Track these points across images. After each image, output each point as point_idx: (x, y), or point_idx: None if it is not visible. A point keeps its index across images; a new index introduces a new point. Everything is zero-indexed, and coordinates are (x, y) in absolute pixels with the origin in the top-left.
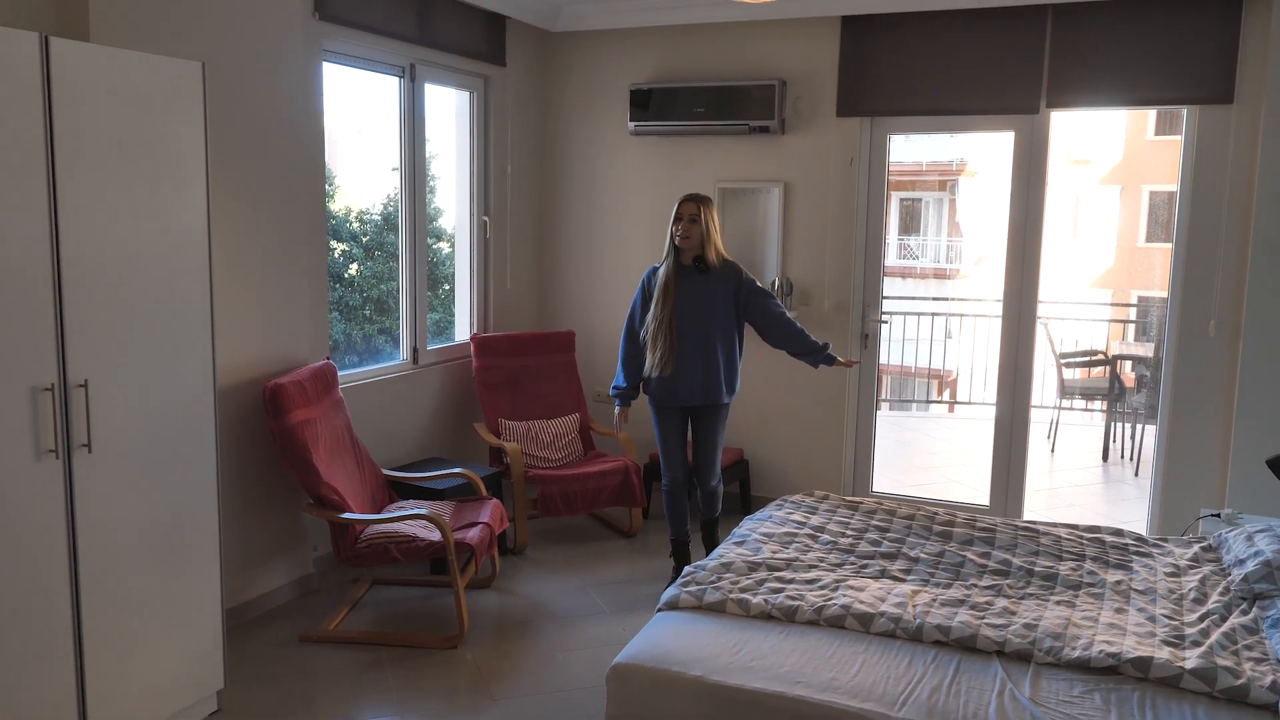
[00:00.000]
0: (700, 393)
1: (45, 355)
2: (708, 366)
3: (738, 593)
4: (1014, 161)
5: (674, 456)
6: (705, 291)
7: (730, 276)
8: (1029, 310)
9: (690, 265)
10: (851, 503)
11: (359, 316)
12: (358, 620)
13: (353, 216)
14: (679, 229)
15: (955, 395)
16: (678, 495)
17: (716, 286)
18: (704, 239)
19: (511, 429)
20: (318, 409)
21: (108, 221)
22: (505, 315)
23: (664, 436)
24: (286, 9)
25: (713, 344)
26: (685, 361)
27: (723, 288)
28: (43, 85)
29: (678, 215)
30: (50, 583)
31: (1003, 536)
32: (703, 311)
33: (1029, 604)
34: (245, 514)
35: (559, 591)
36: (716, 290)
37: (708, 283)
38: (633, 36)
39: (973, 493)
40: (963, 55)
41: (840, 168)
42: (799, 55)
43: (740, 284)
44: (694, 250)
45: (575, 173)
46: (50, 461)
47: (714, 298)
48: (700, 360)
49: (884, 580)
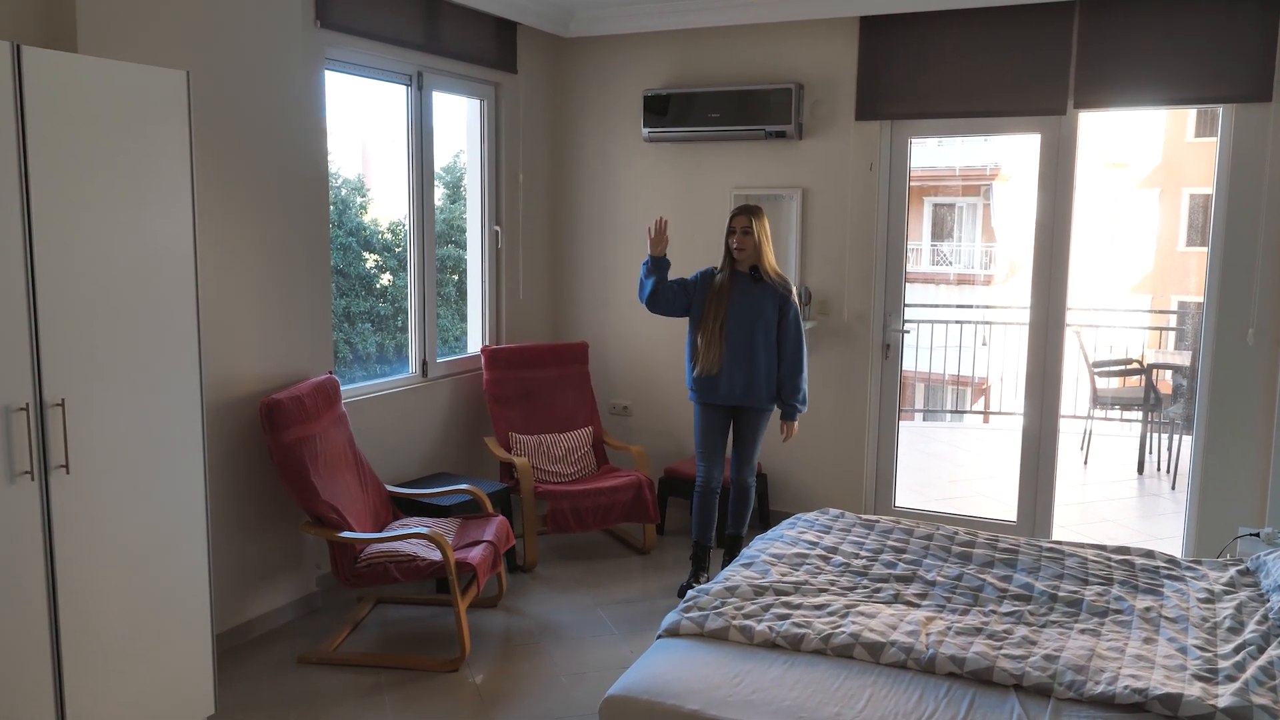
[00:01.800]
0: (741, 393)
1: (19, 374)
2: (751, 369)
3: (741, 619)
4: (1040, 165)
5: (711, 455)
6: (757, 300)
7: (781, 291)
8: (1057, 317)
9: (746, 274)
10: (867, 521)
11: (391, 326)
12: (360, 641)
13: (384, 227)
14: (734, 240)
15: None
16: (708, 498)
17: (768, 297)
18: (761, 249)
19: (523, 443)
20: (318, 425)
21: (86, 235)
22: (517, 327)
23: (704, 433)
24: (286, 17)
25: (757, 349)
26: (730, 363)
27: (773, 300)
28: (14, 95)
29: (731, 228)
30: (27, 608)
31: (1025, 558)
32: (752, 318)
33: (1050, 633)
34: (244, 532)
35: (567, 611)
36: (768, 300)
37: (761, 292)
38: (646, 41)
39: (1001, 507)
40: (986, 55)
41: (860, 173)
42: (816, 57)
43: (787, 301)
44: (750, 260)
45: (589, 181)
46: (25, 483)
47: (764, 307)
48: (745, 362)
49: (897, 606)
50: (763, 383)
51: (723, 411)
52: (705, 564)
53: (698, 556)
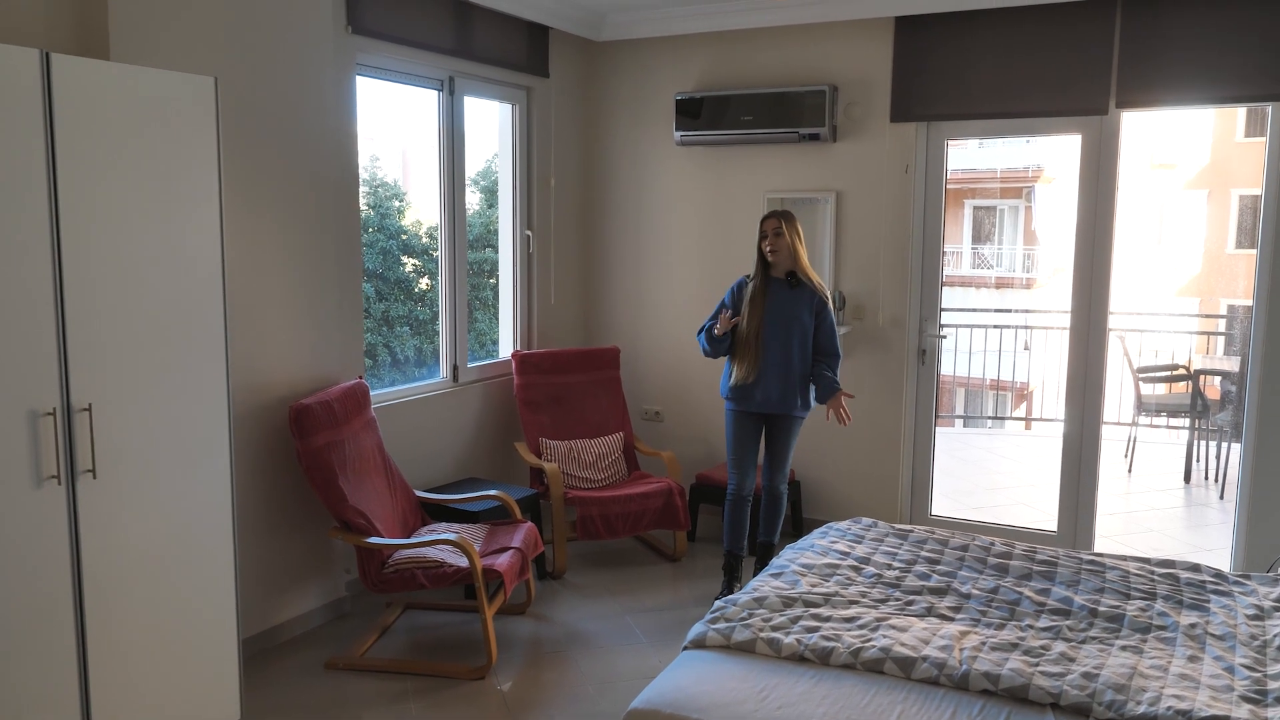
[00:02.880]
0: (777, 401)
1: (47, 379)
2: (787, 377)
3: (769, 631)
4: (1081, 166)
5: (743, 463)
6: (793, 305)
7: (817, 294)
8: (1099, 322)
9: (783, 279)
10: (901, 531)
11: (429, 330)
12: (387, 647)
13: (423, 232)
14: (767, 244)
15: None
16: (739, 506)
17: (804, 302)
18: (793, 253)
19: (553, 449)
20: (346, 429)
21: (113, 240)
22: (549, 331)
23: (736, 441)
24: (317, 23)
25: (793, 357)
26: (767, 370)
27: (809, 305)
28: (44, 102)
29: (762, 232)
30: (53, 612)
31: (1064, 571)
32: (788, 324)
33: (1090, 649)
34: (272, 537)
35: (596, 619)
36: (804, 305)
37: (797, 296)
38: (678, 44)
39: (1042, 517)
40: (1024, 54)
41: (895, 175)
42: (850, 59)
43: (825, 305)
44: (784, 264)
45: (620, 185)
46: (52, 488)
47: (800, 312)
48: (781, 370)
49: (930, 619)
50: (797, 390)
51: (756, 419)
52: (738, 573)
53: (730, 566)
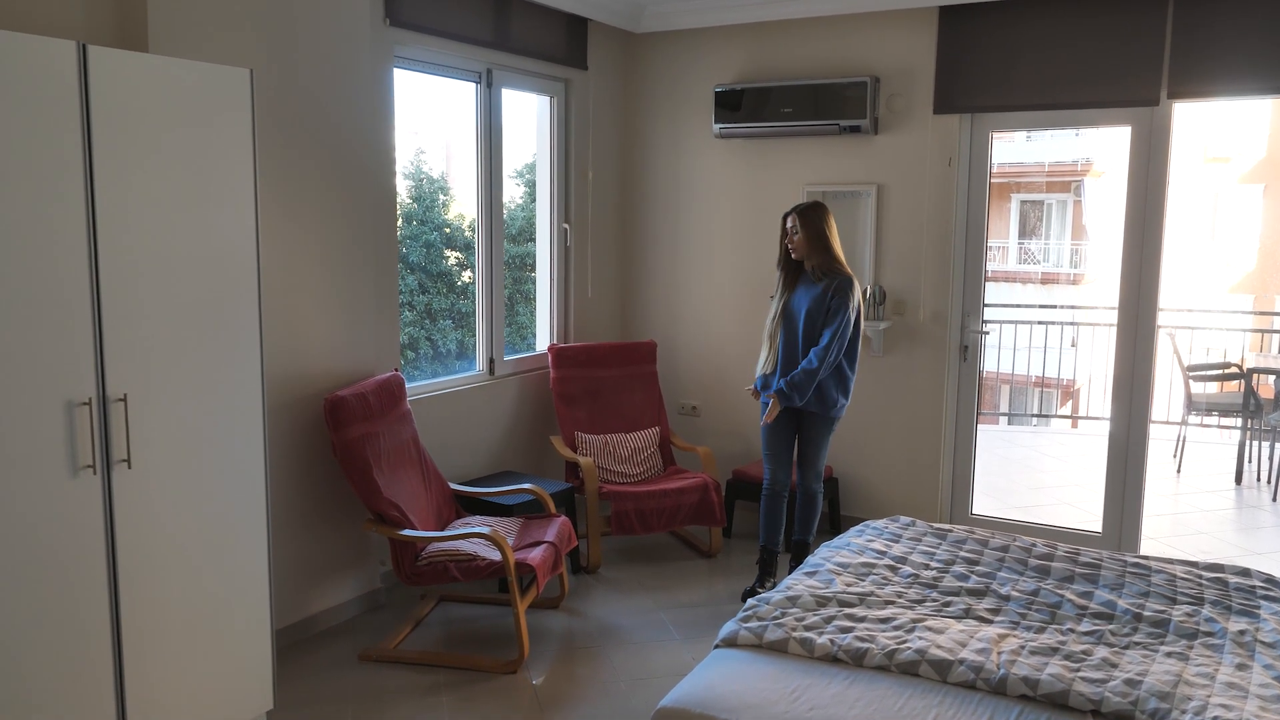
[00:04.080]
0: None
1: (83, 369)
2: None
3: (802, 631)
4: (1131, 158)
5: (777, 457)
6: (814, 295)
7: (832, 287)
8: (1148, 319)
9: (809, 271)
10: (939, 530)
11: (471, 323)
12: (421, 639)
13: (466, 225)
14: (785, 240)
15: (1078, 409)
16: (775, 501)
17: (821, 295)
18: (813, 246)
19: (588, 443)
20: (382, 422)
21: (149, 231)
22: (586, 325)
23: (769, 433)
24: (355, 15)
25: (809, 347)
26: (785, 361)
27: (824, 297)
28: (80, 93)
29: (783, 231)
30: (89, 602)
31: (1108, 574)
32: (798, 317)
33: (1133, 655)
34: (307, 528)
35: (629, 614)
36: (825, 295)
37: (819, 289)
38: (717, 35)
39: (1086, 517)
40: (1072, 44)
41: (938, 168)
42: (893, 49)
43: (837, 297)
44: (806, 259)
45: (658, 178)
46: (88, 477)
47: (815, 305)
48: (791, 365)
49: (967, 621)
50: (821, 388)
51: (787, 412)
52: (772, 569)
53: (765, 561)
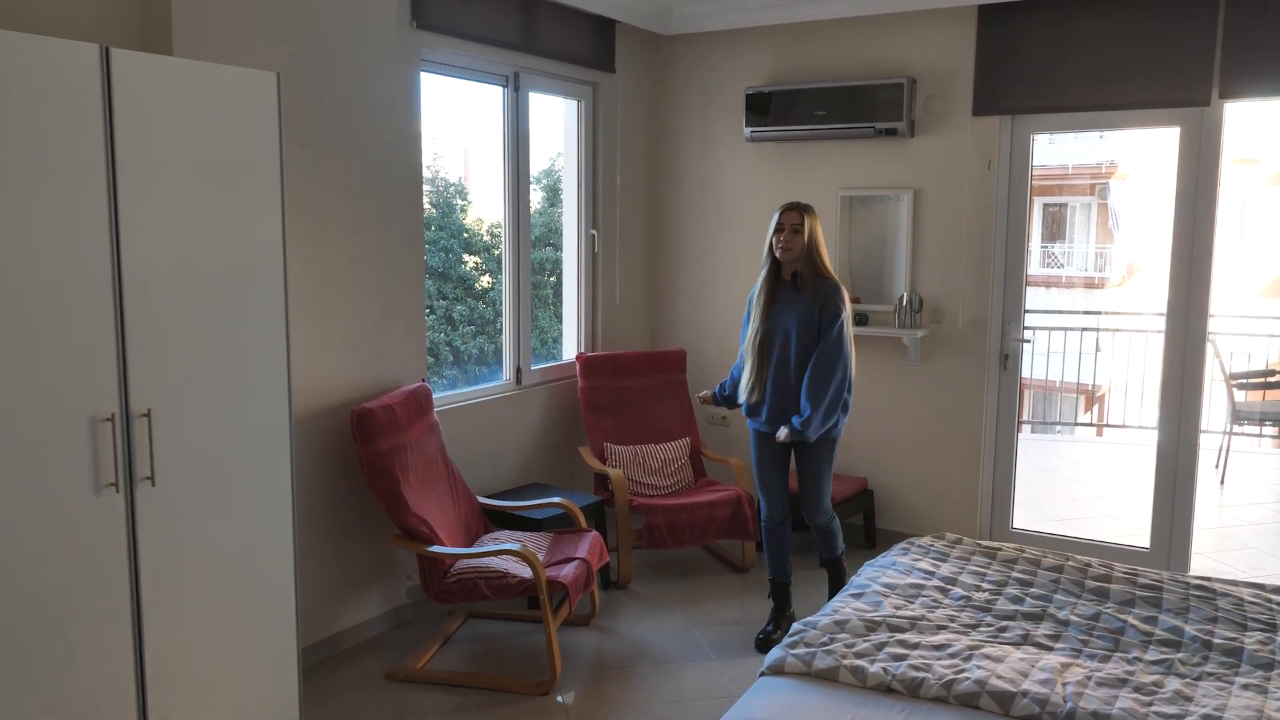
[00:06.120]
0: (780, 420)
1: (106, 384)
2: (792, 396)
3: (853, 658)
4: (1180, 161)
5: (770, 488)
6: (800, 311)
7: (820, 297)
8: (1198, 326)
9: (789, 281)
10: (988, 549)
11: (491, 330)
12: (449, 657)
13: (484, 230)
14: (780, 240)
15: (1103, 416)
16: (776, 532)
17: (809, 307)
18: (807, 252)
19: (618, 454)
20: (409, 434)
21: (174, 240)
22: (613, 333)
23: (759, 464)
24: (382, 18)
25: (795, 370)
26: (775, 386)
27: (814, 310)
28: (103, 97)
29: (778, 225)
30: (111, 620)
31: (1171, 597)
32: (792, 332)
33: (1207, 687)
34: (333, 543)
35: (662, 632)
36: (809, 311)
37: (804, 302)
38: (748, 37)
39: (1130, 532)
40: (1117, 43)
41: (977, 171)
42: (930, 49)
43: (828, 310)
44: (795, 265)
45: (688, 183)
46: (110, 495)
47: (805, 319)
48: (782, 386)
49: (1026, 648)
50: None
51: (773, 439)
52: (787, 604)
53: (777, 596)
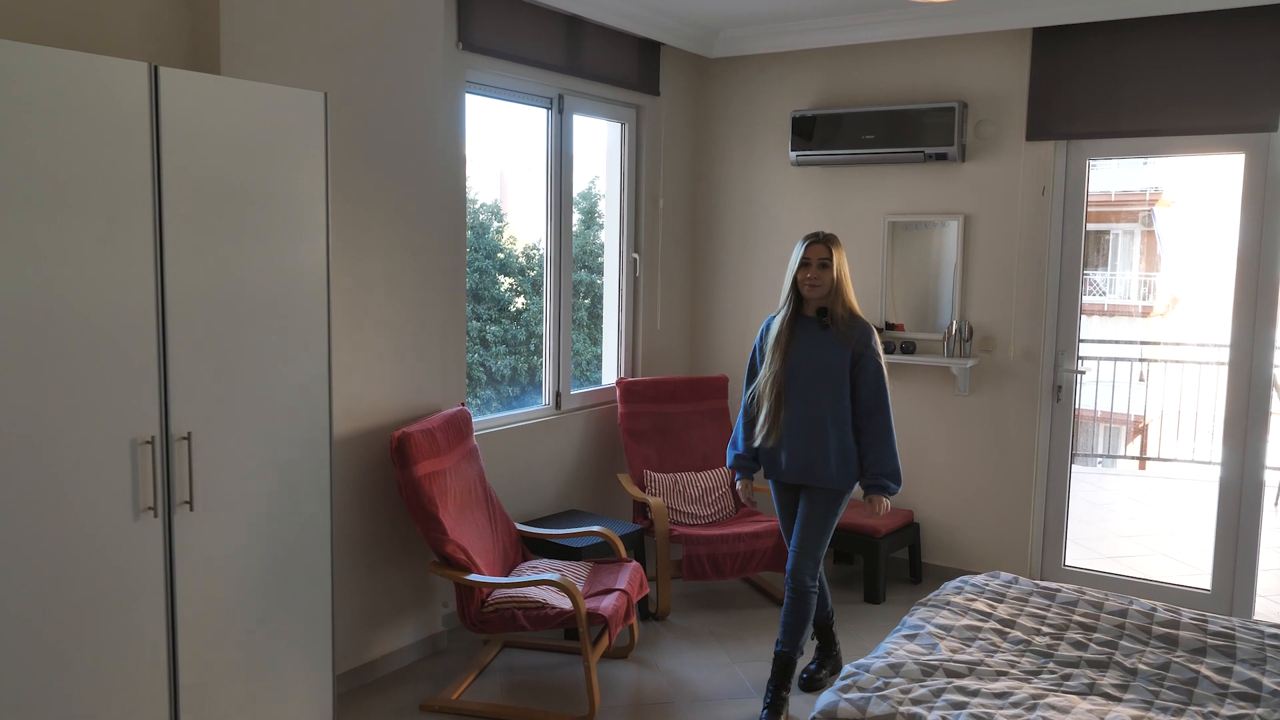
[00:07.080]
0: (802, 469)
1: (147, 406)
2: (815, 439)
3: (909, 704)
4: (1245, 188)
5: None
6: (825, 351)
7: (854, 338)
8: (1263, 358)
9: (812, 318)
10: (1046, 590)
11: (524, 350)
12: (484, 688)
13: (519, 251)
14: (808, 275)
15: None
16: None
17: (838, 347)
18: (839, 286)
19: (658, 481)
20: (449, 459)
21: (218, 260)
22: (654, 359)
23: (782, 512)
24: (429, 40)
25: (823, 415)
26: (792, 430)
27: (844, 351)
28: (151, 116)
29: (804, 260)
30: (146, 646)
31: (1245, 646)
32: (818, 373)
33: None
34: (370, 569)
35: (702, 666)
36: (837, 352)
37: (829, 342)
38: (795, 60)
39: (1188, 572)
40: (1178, 67)
41: (1030, 197)
42: (982, 73)
43: (864, 352)
44: (820, 300)
45: (731, 207)
46: (149, 520)
47: (833, 359)
48: (805, 431)
49: (1093, 698)
50: (833, 457)
51: (795, 489)
52: (833, 643)
53: (822, 636)
